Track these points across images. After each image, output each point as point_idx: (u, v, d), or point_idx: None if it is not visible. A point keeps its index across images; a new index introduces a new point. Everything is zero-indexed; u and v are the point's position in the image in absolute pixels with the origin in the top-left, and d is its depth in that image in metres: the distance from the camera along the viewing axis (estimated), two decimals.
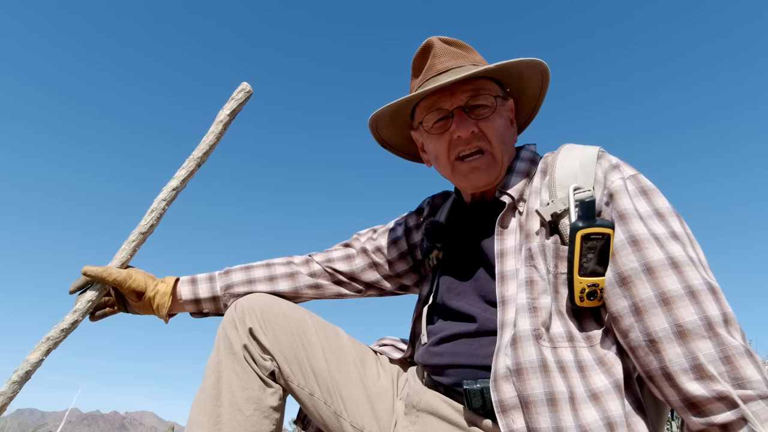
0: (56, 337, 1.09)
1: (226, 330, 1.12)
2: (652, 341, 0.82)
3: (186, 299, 1.27)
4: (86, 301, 1.13)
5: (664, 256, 0.84)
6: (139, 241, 1.18)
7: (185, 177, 1.20)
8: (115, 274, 1.16)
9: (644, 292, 0.84)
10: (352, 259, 1.34)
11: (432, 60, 1.10)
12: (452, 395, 1.01)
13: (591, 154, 1.00)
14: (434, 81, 1.07)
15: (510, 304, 0.94)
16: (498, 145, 1.07)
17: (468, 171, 1.08)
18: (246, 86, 1.24)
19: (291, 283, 1.30)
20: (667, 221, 0.89)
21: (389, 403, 1.13)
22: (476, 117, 1.06)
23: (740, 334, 0.80)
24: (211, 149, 1.23)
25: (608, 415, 0.81)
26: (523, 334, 0.88)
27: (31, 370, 1.06)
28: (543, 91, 1.18)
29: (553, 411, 0.82)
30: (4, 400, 1.04)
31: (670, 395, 0.81)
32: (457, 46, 1.13)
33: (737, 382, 0.75)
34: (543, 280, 0.93)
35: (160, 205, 1.18)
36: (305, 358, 1.11)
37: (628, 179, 0.94)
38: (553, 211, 0.96)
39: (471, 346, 1.00)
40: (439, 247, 1.19)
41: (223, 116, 1.23)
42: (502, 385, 0.87)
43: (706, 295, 0.81)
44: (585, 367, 0.87)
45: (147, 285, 1.21)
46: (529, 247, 0.96)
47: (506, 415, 0.85)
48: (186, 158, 1.23)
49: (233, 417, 1.04)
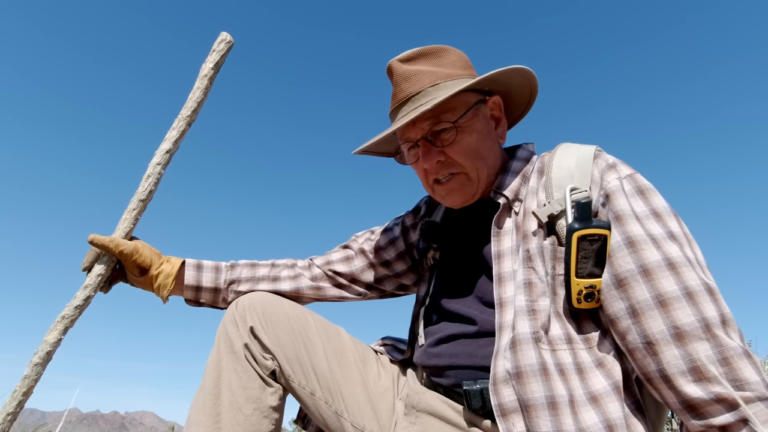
0: (71, 315, 1.08)
1: (227, 328, 1.12)
2: (650, 343, 0.81)
3: (188, 284, 1.24)
4: (96, 276, 1.11)
5: (660, 257, 0.84)
6: (140, 209, 1.16)
7: (177, 138, 1.18)
8: (122, 246, 1.13)
9: (641, 294, 0.83)
10: (351, 260, 1.34)
11: (395, 87, 1.09)
12: (452, 396, 1.01)
13: (587, 153, 0.99)
14: (400, 111, 1.07)
15: (508, 306, 0.94)
16: (470, 164, 1.05)
17: (444, 193, 1.09)
18: (226, 36, 1.22)
19: (293, 284, 1.29)
20: (664, 221, 0.89)
21: (390, 403, 1.13)
22: (442, 143, 1.04)
23: (738, 335, 0.79)
24: (200, 106, 1.20)
25: (608, 418, 0.81)
26: (523, 337, 0.88)
27: (51, 350, 1.06)
28: (533, 84, 1.12)
29: (554, 415, 0.82)
30: (29, 383, 1.03)
31: (668, 397, 0.81)
32: (423, 59, 1.09)
33: (735, 384, 0.75)
34: (542, 282, 0.92)
35: (156, 170, 1.16)
36: (306, 358, 1.11)
37: (625, 179, 0.94)
38: (550, 212, 0.95)
39: (469, 347, 0.99)
40: (435, 248, 1.19)
41: (206, 70, 1.20)
42: (501, 388, 0.87)
43: (704, 296, 0.80)
44: (584, 369, 0.87)
45: (152, 262, 1.19)
46: (527, 248, 0.95)
47: (506, 419, 0.85)
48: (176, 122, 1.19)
49: (233, 416, 1.04)
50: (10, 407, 1.01)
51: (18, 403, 1.02)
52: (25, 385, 1.03)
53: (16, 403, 1.02)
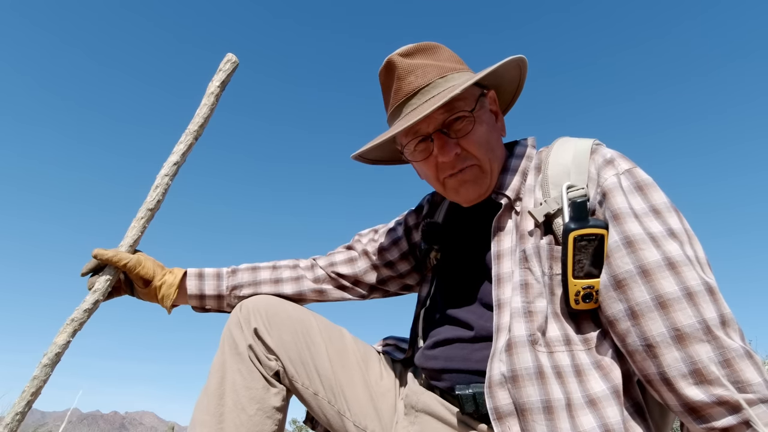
0: (80, 318, 1.11)
1: (232, 330, 1.13)
2: (650, 346, 0.80)
3: (191, 294, 1.26)
4: (105, 281, 1.15)
5: (660, 257, 0.82)
6: (148, 218, 1.20)
7: (184, 151, 1.23)
8: (125, 259, 1.16)
9: (640, 296, 0.82)
10: (355, 261, 1.34)
11: (397, 82, 1.04)
12: (447, 398, 1.01)
13: (584, 148, 0.97)
14: (406, 106, 1.03)
15: (505, 308, 0.92)
16: (484, 155, 1.02)
17: (458, 185, 1.04)
18: (232, 57, 1.28)
19: (296, 286, 1.30)
20: (663, 218, 0.87)
21: (392, 403, 1.13)
22: (457, 134, 1.01)
23: (739, 335, 0.78)
24: (206, 122, 1.26)
25: (606, 422, 0.80)
26: (519, 339, 0.86)
27: (60, 351, 1.08)
28: (523, 76, 1.12)
29: (549, 419, 0.81)
30: (38, 383, 1.06)
31: (669, 400, 0.80)
32: (422, 54, 1.06)
33: (737, 386, 0.74)
34: (538, 283, 0.91)
35: (164, 181, 1.20)
36: (309, 358, 1.11)
37: (623, 174, 0.91)
38: (546, 212, 0.93)
39: (464, 351, 0.99)
40: (436, 248, 1.19)
41: (213, 88, 1.26)
42: (497, 391, 0.86)
43: (704, 296, 0.79)
44: (582, 371, 0.85)
45: (155, 273, 1.21)
46: (523, 248, 0.94)
47: (502, 422, 0.84)
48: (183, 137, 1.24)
49: (236, 416, 1.05)
50: (18, 407, 1.02)
51: (27, 403, 1.03)
52: (34, 386, 1.05)
53: (25, 403, 1.03)
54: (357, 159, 1.15)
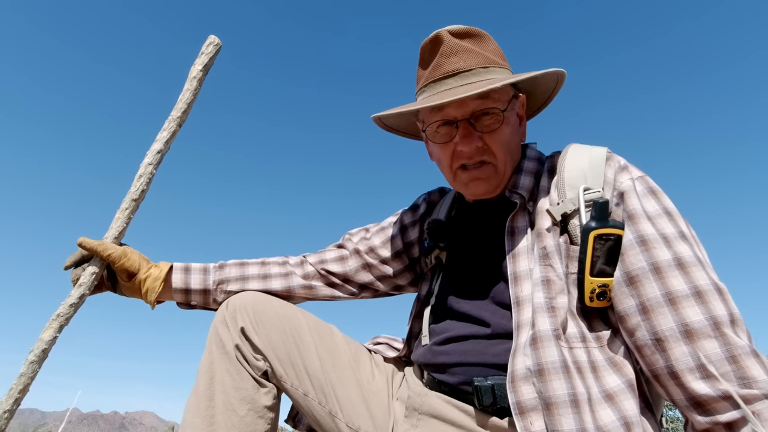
0: (66, 313, 1.08)
1: (218, 329, 1.11)
2: (659, 340, 0.82)
3: (176, 287, 1.23)
4: (90, 274, 1.12)
5: (671, 257, 0.85)
6: (132, 209, 1.17)
7: (168, 138, 1.20)
8: (110, 250, 1.12)
9: (651, 292, 0.85)
10: (346, 260, 1.32)
11: (440, 58, 1.04)
12: (458, 395, 0.99)
13: (600, 154, 1.01)
14: (441, 84, 1.04)
15: (525, 305, 0.94)
16: (502, 157, 1.05)
17: (468, 180, 1.07)
18: (214, 39, 1.25)
19: (285, 282, 1.27)
20: (675, 221, 0.90)
21: (385, 403, 1.12)
22: (482, 129, 1.03)
23: (746, 334, 0.80)
24: (189, 107, 1.23)
25: (624, 415, 0.82)
26: (544, 334, 0.87)
27: (47, 348, 1.06)
28: (557, 88, 1.14)
29: (576, 412, 0.81)
30: (26, 380, 1.04)
31: (675, 394, 0.82)
32: (470, 39, 1.06)
33: (743, 382, 0.76)
34: (560, 280, 0.92)
35: (148, 170, 1.17)
36: (299, 358, 1.10)
37: (637, 180, 0.95)
38: (564, 211, 0.96)
39: (479, 346, 0.99)
40: (441, 247, 1.18)
41: (195, 72, 1.23)
42: (520, 386, 0.86)
43: (713, 295, 0.82)
44: (597, 367, 0.87)
45: (141, 266, 1.17)
46: (543, 245, 0.96)
47: (524, 417, 0.84)
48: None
49: (227, 417, 1.03)
50: (6, 405, 1.01)
51: (15, 401, 1.02)
52: (21, 383, 1.04)
53: (13, 400, 1.02)
54: (375, 121, 1.16)
